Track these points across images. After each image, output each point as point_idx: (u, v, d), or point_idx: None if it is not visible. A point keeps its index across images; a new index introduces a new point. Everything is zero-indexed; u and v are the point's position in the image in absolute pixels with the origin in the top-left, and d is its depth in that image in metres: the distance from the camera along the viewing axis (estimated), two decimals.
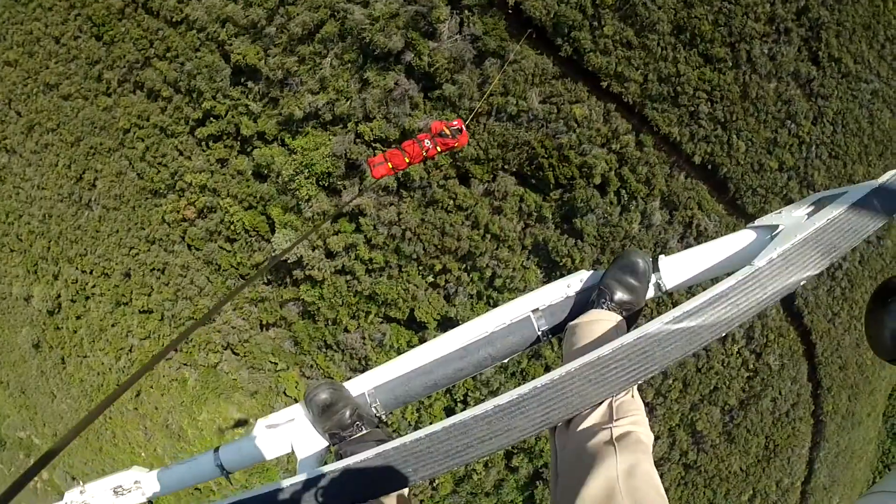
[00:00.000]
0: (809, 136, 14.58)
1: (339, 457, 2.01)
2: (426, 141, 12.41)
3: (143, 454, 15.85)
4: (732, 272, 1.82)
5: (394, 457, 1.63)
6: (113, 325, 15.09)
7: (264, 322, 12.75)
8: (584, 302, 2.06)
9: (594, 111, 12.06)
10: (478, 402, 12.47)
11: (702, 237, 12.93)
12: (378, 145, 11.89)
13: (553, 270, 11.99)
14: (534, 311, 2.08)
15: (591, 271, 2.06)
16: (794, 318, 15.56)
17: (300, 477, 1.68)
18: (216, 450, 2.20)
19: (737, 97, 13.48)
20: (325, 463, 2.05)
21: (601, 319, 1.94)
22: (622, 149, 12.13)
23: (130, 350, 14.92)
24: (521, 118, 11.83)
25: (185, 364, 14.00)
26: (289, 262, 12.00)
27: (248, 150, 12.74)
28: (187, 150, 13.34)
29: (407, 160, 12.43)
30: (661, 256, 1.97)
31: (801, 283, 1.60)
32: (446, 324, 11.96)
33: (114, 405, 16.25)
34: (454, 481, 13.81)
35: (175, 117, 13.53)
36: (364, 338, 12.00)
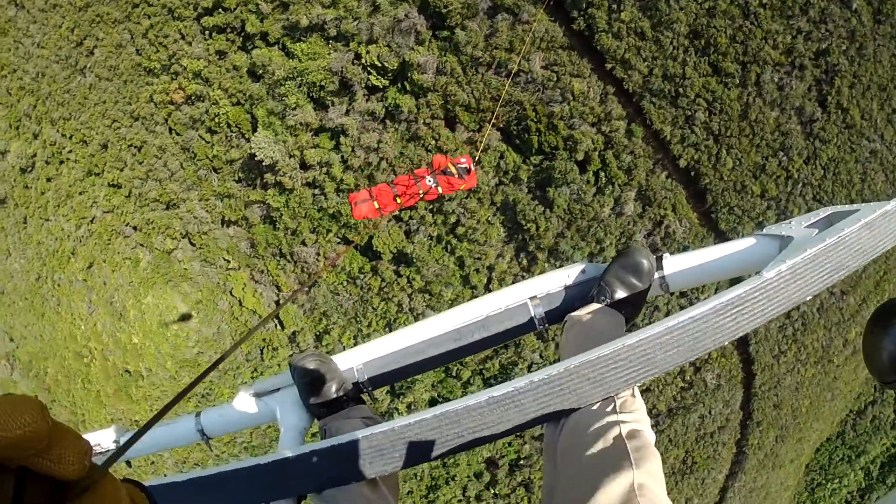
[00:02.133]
0: (798, 174, 14.69)
1: (324, 431, 2.04)
2: (428, 178, 11.33)
3: (82, 327, 15.91)
4: (735, 278, 1.83)
5: (382, 441, 1.62)
6: (80, 193, 15.08)
7: (226, 218, 12.80)
8: (581, 294, 2.04)
9: (592, 89, 12.14)
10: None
11: (669, 239, 13.11)
12: (374, 72, 11.91)
13: (516, 232, 12.12)
14: (531, 298, 2.06)
15: (591, 263, 2.05)
16: (740, 343, 15.85)
17: (286, 452, 1.72)
18: (197, 414, 2.21)
19: (736, 115, 13.57)
20: (308, 436, 2.09)
21: (601, 316, 1.92)
22: (611, 132, 12.23)
23: (92, 221, 14.92)
24: (519, 77, 11.89)
25: (141, 245, 14.05)
26: (263, 164, 12.04)
27: (249, 47, 12.70)
28: (190, 35, 13.27)
29: (398, 201, 11.39)
30: (666, 255, 1.94)
31: (806, 299, 1.57)
32: (400, 258, 12.08)
33: (65, 273, 16.31)
34: None
35: (185, 1, 13.45)
36: (319, 254, 12.11)
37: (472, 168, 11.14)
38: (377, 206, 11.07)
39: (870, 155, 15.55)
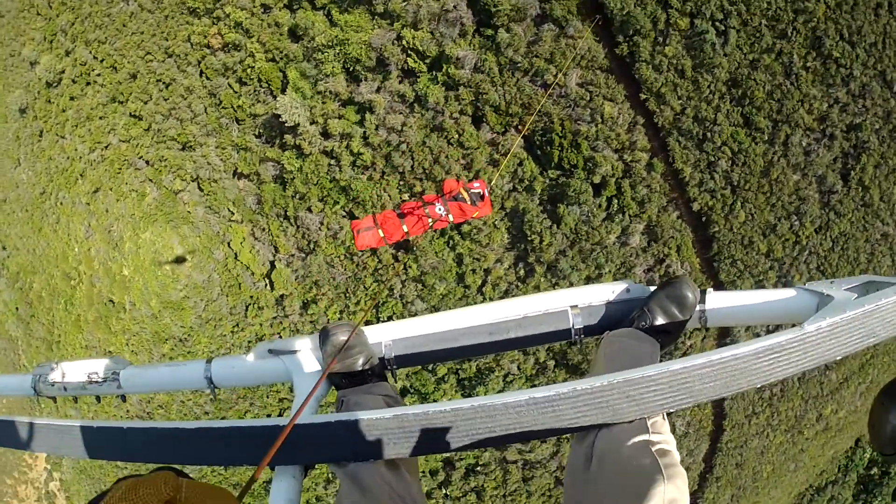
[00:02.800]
0: (807, 241, 14.71)
1: (341, 403, 2.00)
2: (437, 206, 10.23)
3: (76, 249, 15.93)
4: (771, 325, 1.84)
5: (412, 422, 1.60)
6: (100, 118, 15.08)
7: (239, 170, 12.81)
8: (621, 312, 2.06)
9: (623, 116, 12.17)
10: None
11: (666, 278, 13.11)
12: (413, 55, 11.93)
13: (519, 241, 12.14)
14: (572, 307, 2.06)
15: (635, 283, 2.08)
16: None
17: (308, 418, 1.70)
18: (208, 361, 2.17)
19: (758, 170, 13.59)
20: (321, 404, 2.04)
21: (639, 340, 1.96)
22: (632, 162, 12.26)
23: (107, 147, 14.92)
24: (553, 90, 11.92)
25: (150, 180, 14.05)
26: (285, 124, 12.06)
27: (294, 7, 12.71)
28: None
29: (405, 229, 10.34)
30: (710, 290, 1.98)
31: (836, 359, 1.63)
32: (401, 243, 12.10)
33: (69, 193, 16.33)
34: None
35: None
36: (322, 223, 12.12)
37: (486, 193, 10.57)
38: (382, 235, 10.44)
39: (881, 237, 15.56)
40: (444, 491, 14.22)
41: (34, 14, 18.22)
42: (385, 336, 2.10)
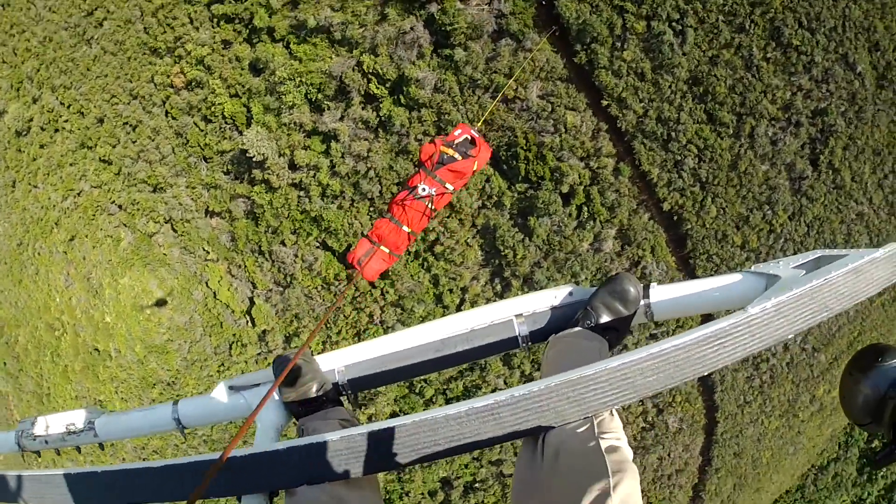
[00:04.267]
0: (781, 229, 14.82)
1: (301, 430, 2.08)
2: (422, 186, 8.68)
3: (57, 299, 15.87)
4: (720, 311, 1.87)
5: (359, 443, 1.66)
6: (71, 165, 15.05)
7: (210, 209, 12.82)
8: (567, 315, 2.10)
9: (586, 124, 12.26)
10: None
11: (644, 280, 13.20)
12: (373, 80, 11.99)
13: (493, 257, 12.20)
14: (517, 315, 2.12)
15: (578, 286, 2.11)
16: (706, 391, 15.97)
17: (263, 447, 1.76)
18: (175, 402, 2.26)
19: (725, 164, 13.69)
20: (285, 435, 2.12)
21: (584, 339, 1.98)
22: (599, 168, 12.34)
23: (79, 194, 14.89)
24: (514, 104, 12.01)
25: (124, 224, 14.04)
26: (252, 159, 12.09)
27: (254, 41, 12.76)
28: (198, 20, 13.32)
29: (407, 229, 9.10)
30: (653, 284, 2.01)
31: (789, 337, 1.62)
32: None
33: (46, 242, 16.29)
34: None
35: None
36: (297, 256, 12.14)
37: (475, 135, 9.53)
38: (388, 251, 9.37)
39: (856, 217, 15.68)
40: None
41: (0, 62, 18.21)
42: (337, 362, 2.15)
